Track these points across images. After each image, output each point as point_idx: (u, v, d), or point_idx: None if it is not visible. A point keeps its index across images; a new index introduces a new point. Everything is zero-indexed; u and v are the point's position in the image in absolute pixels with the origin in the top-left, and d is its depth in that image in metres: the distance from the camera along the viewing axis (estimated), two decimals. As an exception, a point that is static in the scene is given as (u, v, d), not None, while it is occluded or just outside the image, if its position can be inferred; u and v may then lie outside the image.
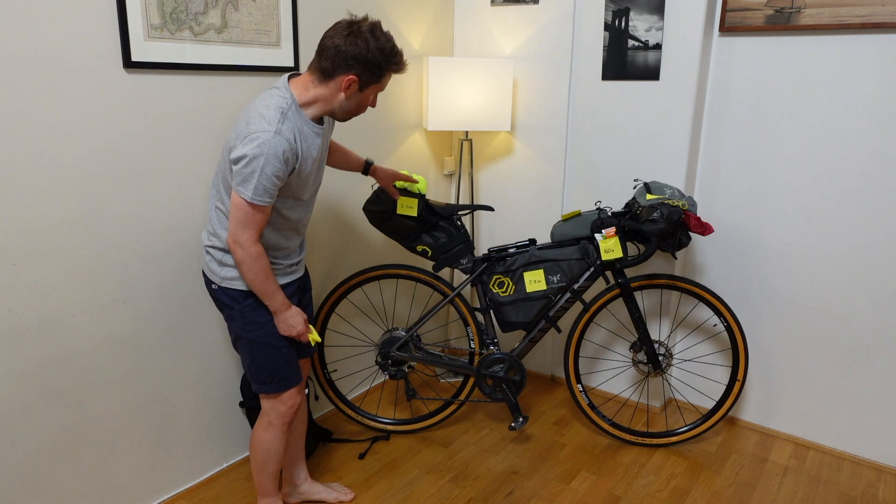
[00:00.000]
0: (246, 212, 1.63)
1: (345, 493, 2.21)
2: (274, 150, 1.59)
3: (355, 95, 1.72)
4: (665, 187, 2.30)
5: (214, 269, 1.80)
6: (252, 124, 1.61)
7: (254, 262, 1.68)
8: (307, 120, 1.70)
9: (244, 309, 1.79)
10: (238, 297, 1.78)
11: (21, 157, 1.66)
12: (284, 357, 1.85)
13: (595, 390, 3.01)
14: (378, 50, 1.65)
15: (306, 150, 1.71)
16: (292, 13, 2.23)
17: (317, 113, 1.73)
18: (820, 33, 2.31)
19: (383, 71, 1.70)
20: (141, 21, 1.82)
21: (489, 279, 2.39)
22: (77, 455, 1.91)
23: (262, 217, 1.66)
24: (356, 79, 1.67)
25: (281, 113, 1.64)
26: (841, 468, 2.45)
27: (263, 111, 1.63)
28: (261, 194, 1.61)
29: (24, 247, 1.71)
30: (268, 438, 1.91)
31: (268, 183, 1.61)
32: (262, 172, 1.59)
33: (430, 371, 3.21)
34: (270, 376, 1.84)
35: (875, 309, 2.37)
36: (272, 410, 1.89)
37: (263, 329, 1.80)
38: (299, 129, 1.68)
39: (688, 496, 2.27)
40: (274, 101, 1.65)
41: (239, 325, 1.81)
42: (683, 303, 2.77)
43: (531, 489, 2.29)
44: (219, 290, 1.80)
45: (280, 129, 1.61)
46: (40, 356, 1.78)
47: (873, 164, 2.29)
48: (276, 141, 1.59)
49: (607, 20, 2.60)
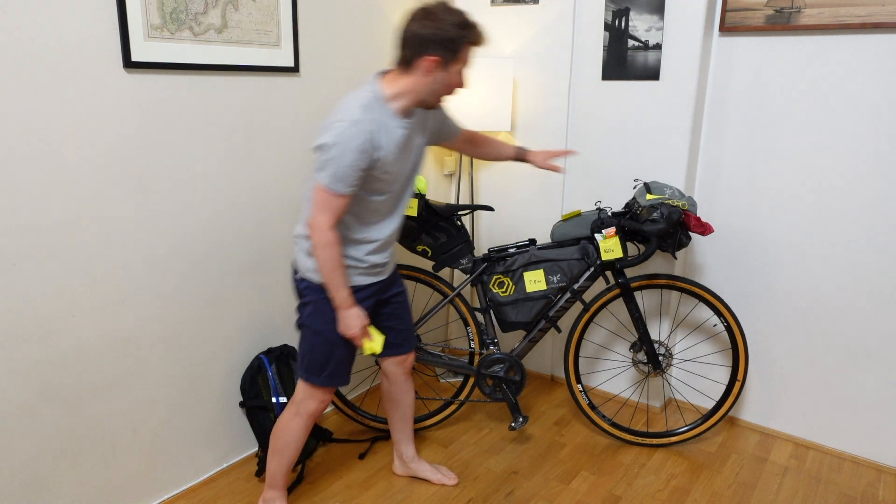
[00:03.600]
0: (323, 196, 1.69)
1: (449, 476, 2.30)
2: (351, 139, 1.64)
3: (442, 77, 1.72)
4: (665, 187, 2.30)
5: (301, 259, 1.86)
6: (335, 115, 1.68)
7: (326, 248, 1.73)
8: (391, 114, 1.73)
9: (320, 301, 1.84)
10: (317, 288, 1.84)
11: (21, 156, 1.66)
12: (342, 356, 1.91)
13: (595, 390, 3.01)
14: (452, 25, 1.66)
15: (388, 144, 1.73)
16: (292, 13, 2.23)
17: (405, 104, 1.75)
18: (820, 33, 2.31)
19: (460, 45, 1.69)
20: (141, 21, 1.82)
21: (489, 279, 2.39)
22: (77, 455, 1.91)
23: (339, 204, 1.70)
24: (438, 59, 1.69)
25: (363, 106, 1.68)
26: (841, 468, 2.45)
27: (348, 104, 1.69)
28: (337, 182, 1.66)
29: (24, 247, 1.71)
30: (291, 427, 1.97)
31: (343, 171, 1.65)
32: (339, 161, 1.64)
33: (430, 371, 3.21)
34: (320, 369, 1.90)
35: (875, 309, 2.37)
36: (305, 401, 1.95)
37: (331, 325, 1.86)
38: (382, 122, 1.71)
39: (688, 496, 2.27)
40: (359, 95, 1.71)
41: (311, 314, 1.87)
42: (683, 303, 2.77)
43: (531, 489, 2.29)
44: (301, 280, 1.87)
45: (359, 121, 1.66)
46: (40, 356, 1.78)
47: (873, 164, 2.29)
48: (353, 131, 1.64)
49: (607, 20, 2.60)
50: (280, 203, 2.36)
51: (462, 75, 1.76)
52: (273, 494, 2.06)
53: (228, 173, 2.16)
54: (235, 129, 2.15)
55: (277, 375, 2.32)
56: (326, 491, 2.25)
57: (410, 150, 1.84)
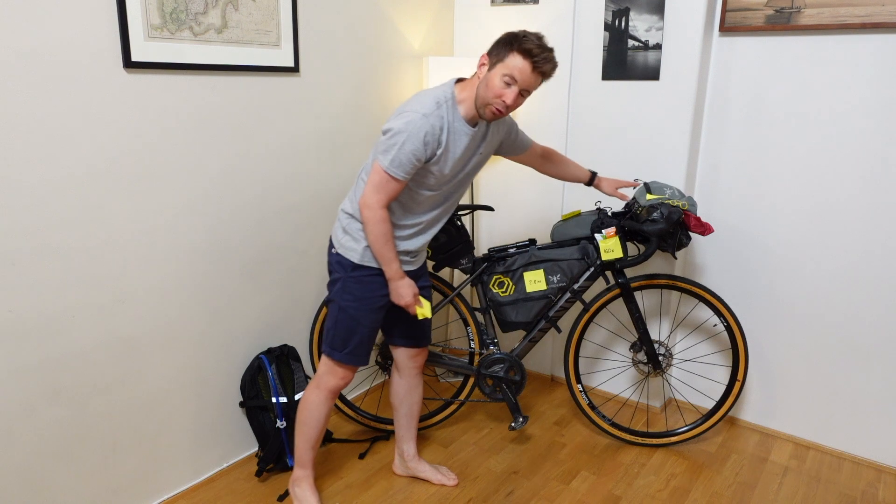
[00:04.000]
0: (381, 177, 1.76)
1: (450, 477, 2.31)
2: (417, 129, 1.71)
3: (484, 78, 1.76)
4: (665, 187, 2.30)
5: (338, 234, 1.94)
6: (408, 104, 1.76)
7: (377, 224, 1.79)
8: (460, 117, 1.80)
9: (348, 278, 1.92)
10: (348, 266, 1.92)
11: (21, 156, 1.66)
12: (362, 335, 1.97)
13: (595, 390, 3.01)
14: (512, 34, 1.72)
15: (451, 145, 1.80)
16: (292, 13, 2.23)
17: (468, 110, 1.81)
18: (820, 33, 2.31)
19: (509, 48, 1.71)
20: (141, 21, 1.82)
21: (489, 279, 2.39)
22: (77, 455, 1.91)
23: (394, 187, 1.77)
24: (486, 58, 1.76)
25: (436, 103, 1.76)
26: (841, 468, 2.45)
27: (423, 97, 1.77)
28: (396, 166, 1.73)
29: (24, 247, 1.71)
30: (312, 400, 2.03)
31: (404, 158, 1.73)
32: (402, 147, 1.72)
33: (430, 371, 3.21)
34: (342, 345, 1.96)
35: (875, 309, 2.37)
36: (325, 375, 2.02)
37: (357, 302, 1.93)
38: (450, 123, 1.78)
39: (688, 496, 2.27)
40: (435, 92, 1.78)
41: (339, 290, 1.94)
42: (683, 303, 2.77)
43: (531, 489, 2.29)
44: (335, 254, 1.94)
45: (429, 114, 1.73)
46: (40, 356, 1.78)
47: (873, 164, 2.29)
48: (422, 122, 1.71)
49: (607, 20, 2.60)
50: (280, 203, 2.36)
51: (509, 89, 1.71)
52: (301, 473, 2.12)
53: (228, 173, 2.16)
54: (235, 129, 2.15)
55: (277, 375, 2.32)
56: (326, 491, 2.25)
57: (469, 157, 1.90)
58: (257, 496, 2.21)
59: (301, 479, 2.12)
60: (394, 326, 2.16)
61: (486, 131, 1.92)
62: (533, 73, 1.71)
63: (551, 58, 1.72)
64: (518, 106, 1.78)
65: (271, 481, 2.29)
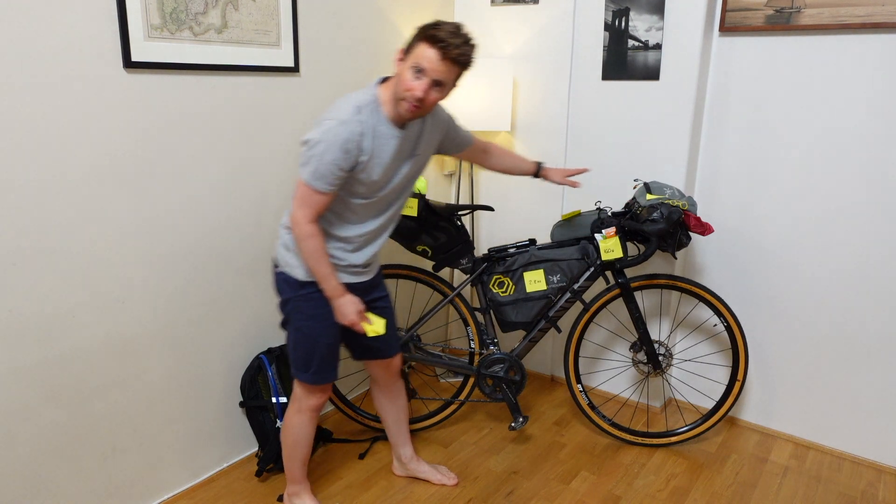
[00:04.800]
0: (303, 191, 1.68)
1: (449, 476, 2.30)
2: (336, 138, 1.63)
3: (397, 73, 1.67)
4: (665, 187, 2.30)
5: (281, 251, 1.86)
6: (326, 112, 1.68)
7: (306, 241, 1.72)
8: (385, 120, 1.71)
9: (298, 298, 1.84)
10: (295, 284, 1.84)
11: (21, 156, 1.66)
12: (323, 353, 1.90)
13: (595, 390, 3.01)
14: (425, 24, 1.63)
15: (377, 150, 1.71)
16: (292, 13, 2.23)
17: (391, 111, 1.72)
18: (820, 33, 2.31)
19: (418, 39, 1.62)
20: (141, 21, 1.82)
21: (489, 279, 2.39)
22: (77, 455, 1.91)
23: (320, 200, 1.69)
24: (402, 53, 1.67)
25: (356, 108, 1.67)
26: (841, 468, 2.45)
27: (342, 103, 1.69)
28: (318, 178, 1.65)
29: (24, 247, 1.71)
30: (297, 423, 1.98)
31: (325, 169, 1.64)
32: (321, 158, 1.63)
33: (430, 371, 3.21)
34: (306, 366, 1.90)
35: (875, 309, 2.37)
36: (303, 398, 1.97)
37: (311, 321, 1.86)
38: (373, 127, 1.69)
39: (688, 496, 2.27)
40: (356, 97, 1.70)
41: (291, 311, 1.87)
42: (683, 303, 2.77)
43: (531, 489, 2.29)
44: (280, 273, 1.86)
45: (347, 121, 1.64)
46: (40, 356, 1.78)
47: (873, 164, 2.29)
48: (340, 130, 1.63)
49: (607, 20, 2.60)
50: (280, 203, 2.35)
51: (413, 73, 1.62)
52: (296, 489, 2.10)
53: (228, 173, 2.16)
54: (235, 129, 2.15)
55: (277, 375, 2.32)
56: (326, 491, 2.25)
57: (403, 161, 1.81)
58: (257, 496, 2.21)
59: (299, 493, 2.10)
60: (356, 342, 2.06)
61: (419, 131, 1.81)
62: (442, 61, 1.59)
63: (461, 44, 1.59)
64: (436, 100, 1.66)
65: (271, 481, 2.29)
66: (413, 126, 1.79)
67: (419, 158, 1.85)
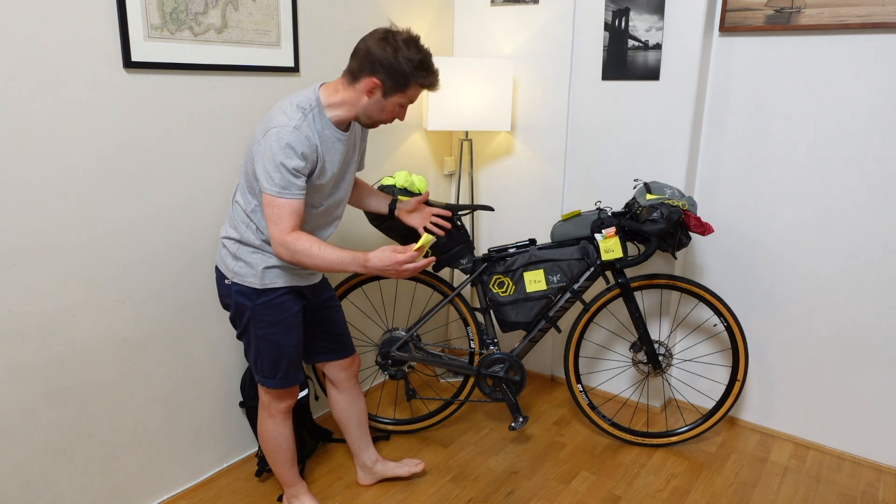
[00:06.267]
0: (275, 207, 1.64)
1: (415, 464, 2.31)
2: (291, 142, 1.61)
3: (378, 101, 1.70)
4: (665, 187, 2.30)
5: (228, 263, 1.81)
6: (273, 119, 1.65)
7: (306, 250, 1.65)
8: (329, 124, 1.70)
9: (257, 307, 1.80)
10: (251, 294, 1.80)
11: (21, 157, 1.66)
12: (290, 357, 1.88)
13: (595, 390, 3.01)
14: (406, 60, 1.63)
15: (328, 154, 1.71)
16: (292, 13, 2.23)
17: (342, 115, 1.72)
18: (820, 33, 2.31)
19: (408, 81, 1.67)
20: (141, 21, 1.82)
21: (489, 279, 2.39)
22: (77, 455, 1.91)
23: (295, 207, 1.65)
24: (379, 84, 1.66)
25: (302, 112, 1.65)
26: (841, 468, 2.45)
27: (286, 107, 1.66)
28: (285, 188, 1.62)
29: (24, 247, 1.71)
30: (271, 428, 1.97)
31: (290, 177, 1.62)
32: (285, 167, 1.61)
33: (430, 371, 3.21)
34: (273, 373, 1.88)
35: (875, 309, 2.37)
36: (271, 403, 1.95)
37: (274, 328, 1.83)
38: (320, 131, 1.69)
39: (688, 496, 2.27)
40: (297, 100, 1.68)
41: (249, 321, 1.83)
42: (683, 303, 2.77)
43: (531, 489, 2.29)
44: (232, 285, 1.81)
45: (299, 126, 1.63)
46: (40, 356, 1.78)
47: (873, 164, 2.29)
48: (294, 135, 1.61)
49: (607, 20, 2.60)
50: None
51: (402, 110, 1.75)
52: (293, 491, 2.09)
53: (228, 173, 2.16)
54: (235, 129, 2.15)
55: (277, 375, 2.31)
56: (326, 491, 2.25)
57: (348, 163, 1.82)
58: (257, 496, 2.21)
59: (297, 494, 2.09)
60: (312, 343, 2.05)
61: (356, 136, 1.85)
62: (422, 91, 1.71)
63: (438, 77, 1.73)
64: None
65: (271, 481, 2.29)
66: (354, 127, 1.81)
67: (356, 164, 1.87)
